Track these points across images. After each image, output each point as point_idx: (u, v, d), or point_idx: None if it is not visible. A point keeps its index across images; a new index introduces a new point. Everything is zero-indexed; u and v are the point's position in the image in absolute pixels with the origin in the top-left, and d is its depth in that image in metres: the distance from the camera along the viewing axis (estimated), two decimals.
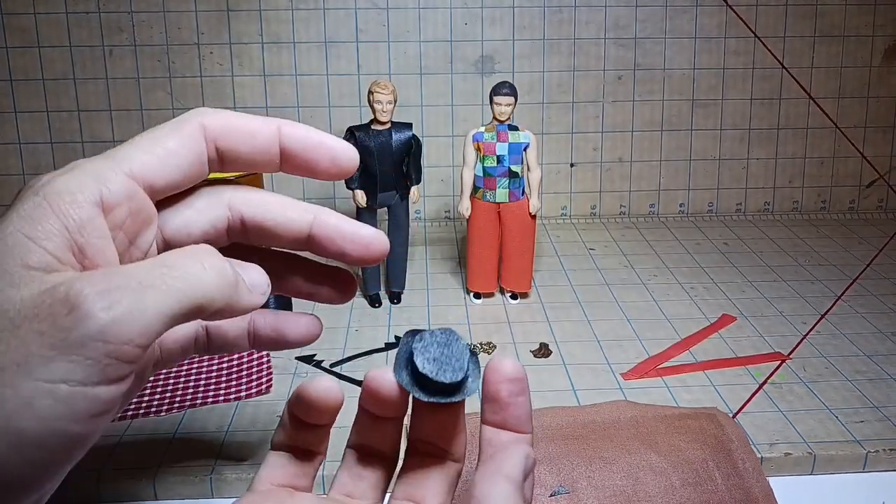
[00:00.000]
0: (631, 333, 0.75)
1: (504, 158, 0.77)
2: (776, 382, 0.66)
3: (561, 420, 0.59)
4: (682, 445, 0.55)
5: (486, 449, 0.33)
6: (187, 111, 0.33)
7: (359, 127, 0.78)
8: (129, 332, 0.25)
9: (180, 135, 0.32)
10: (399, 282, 0.83)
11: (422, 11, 1.02)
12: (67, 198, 0.28)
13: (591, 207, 1.09)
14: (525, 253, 0.80)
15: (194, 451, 0.57)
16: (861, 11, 1.05)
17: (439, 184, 1.06)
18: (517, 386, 0.34)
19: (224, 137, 0.33)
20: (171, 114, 1.02)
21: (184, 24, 1.00)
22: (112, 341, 0.25)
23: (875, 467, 0.57)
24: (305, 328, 0.38)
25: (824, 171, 1.10)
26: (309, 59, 1.02)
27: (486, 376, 0.34)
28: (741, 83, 1.06)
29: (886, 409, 0.62)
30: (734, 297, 0.82)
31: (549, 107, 1.05)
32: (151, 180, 0.31)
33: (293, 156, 0.34)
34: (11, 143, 1.02)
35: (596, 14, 1.03)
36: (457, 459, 0.35)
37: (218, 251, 0.30)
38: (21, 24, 0.98)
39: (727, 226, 1.05)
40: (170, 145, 0.32)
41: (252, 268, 0.32)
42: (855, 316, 0.78)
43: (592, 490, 0.52)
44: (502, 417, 0.34)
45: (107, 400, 0.26)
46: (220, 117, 0.33)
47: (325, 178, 0.35)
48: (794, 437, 0.58)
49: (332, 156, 0.34)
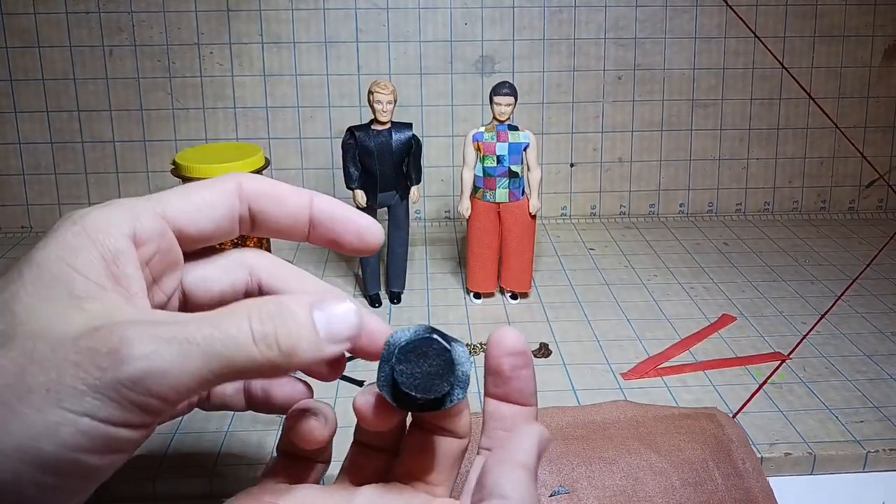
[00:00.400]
0: (631, 333, 0.75)
1: (504, 158, 0.77)
2: (776, 382, 0.66)
3: (561, 420, 0.59)
4: (682, 445, 0.55)
5: (489, 423, 0.34)
6: (220, 176, 0.34)
7: (359, 127, 0.78)
8: (161, 387, 0.26)
9: (217, 190, 0.33)
10: (399, 282, 0.83)
11: (422, 11, 1.02)
12: (104, 229, 0.29)
13: (591, 207, 1.09)
14: (525, 253, 0.80)
15: (194, 451, 0.57)
16: (861, 11, 1.05)
17: (439, 184, 1.06)
18: (520, 359, 0.34)
19: (258, 200, 0.34)
20: (171, 114, 1.02)
21: (184, 24, 1.00)
22: (143, 392, 0.25)
23: (875, 467, 0.57)
24: (290, 391, 0.38)
25: (824, 171, 1.10)
26: (309, 60, 1.02)
27: (488, 350, 0.34)
28: (741, 83, 1.06)
29: (886, 409, 0.62)
30: (734, 297, 0.82)
31: (549, 107, 1.05)
32: (183, 225, 0.32)
33: (322, 227, 0.35)
34: (11, 144, 1.02)
35: (596, 14, 1.03)
36: (460, 436, 0.35)
37: (287, 308, 0.29)
38: (21, 25, 0.98)
39: (727, 226, 1.05)
40: (205, 196, 0.33)
41: (336, 311, 0.30)
42: (855, 316, 0.78)
43: (592, 490, 0.52)
44: (504, 391, 0.34)
45: (126, 440, 0.26)
46: (257, 181, 0.34)
47: (349, 251, 0.36)
48: (794, 437, 0.58)
49: (358, 232, 0.35)
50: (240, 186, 0.33)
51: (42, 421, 0.24)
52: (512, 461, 0.30)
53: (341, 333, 0.30)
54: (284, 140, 1.04)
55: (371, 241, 0.35)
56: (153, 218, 0.31)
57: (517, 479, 0.29)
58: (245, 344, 0.27)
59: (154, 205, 0.31)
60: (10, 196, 1.03)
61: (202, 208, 0.32)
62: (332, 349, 0.29)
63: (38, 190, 1.03)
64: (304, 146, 1.04)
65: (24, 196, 1.03)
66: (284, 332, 0.28)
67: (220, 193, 0.33)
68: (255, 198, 0.34)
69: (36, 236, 1.02)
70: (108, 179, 1.03)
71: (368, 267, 0.81)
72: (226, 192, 0.33)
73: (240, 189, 0.33)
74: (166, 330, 0.26)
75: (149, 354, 0.25)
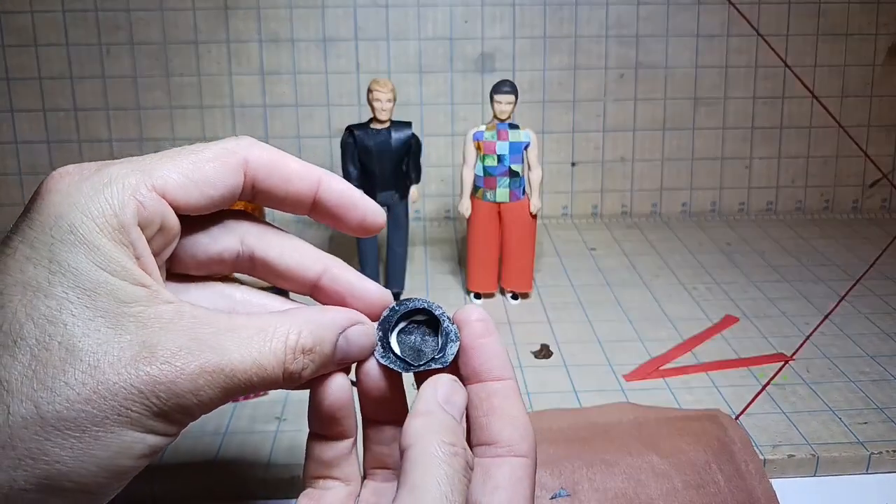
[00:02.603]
0: (633, 334, 0.74)
1: (504, 157, 0.77)
2: (779, 384, 0.65)
3: (562, 422, 0.58)
4: (685, 447, 0.55)
5: (470, 413, 0.34)
6: (229, 139, 0.33)
7: (358, 126, 0.77)
8: (199, 410, 0.29)
9: (222, 165, 0.32)
10: (399, 282, 0.82)
11: (421, 9, 1.01)
12: (121, 222, 0.29)
13: (593, 207, 1.08)
14: (526, 253, 0.79)
15: (192, 452, 0.56)
16: (864, 10, 1.04)
17: (439, 183, 1.06)
18: (479, 327, 0.35)
19: (264, 178, 0.34)
20: (169, 113, 1.01)
21: (181, 22, 0.99)
22: (189, 416, 0.29)
23: (879, 469, 0.57)
24: None
25: (828, 170, 1.09)
26: (308, 58, 1.01)
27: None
28: (744, 82, 1.06)
29: (890, 411, 0.61)
30: (737, 298, 0.82)
31: (550, 105, 1.05)
32: (181, 201, 0.31)
33: (327, 207, 0.35)
34: (8, 143, 1.01)
35: (597, 12, 1.02)
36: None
37: (318, 343, 0.32)
38: (17, 23, 0.98)
39: (730, 226, 1.05)
40: (208, 172, 0.32)
41: (358, 339, 0.34)
42: (858, 316, 0.77)
43: (594, 492, 0.51)
44: (474, 367, 0.34)
45: (146, 454, 0.29)
46: (264, 155, 0.34)
47: (348, 231, 0.36)
48: (797, 439, 0.58)
49: (362, 216, 0.36)
50: (246, 162, 0.33)
51: (118, 443, 0.27)
52: (412, 413, 0.32)
53: (355, 354, 0.35)
54: (283, 139, 1.03)
55: (372, 228, 0.36)
56: (155, 198, 0.30)
57: (412, 426, 0.31)
58: (276, 367, 0.30)
59: (151, 180, 0.30)
60: (7, 196, 1.02)
61: (203, 187, 0.32)
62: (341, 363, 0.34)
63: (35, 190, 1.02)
64: (303, 145, 1.04)
65: (21, 196, 1.02)
66: (317, 362, 0.32)
67: (226, 170, 0.32)
68: (261, 174, 0.34)
69: None
70: None
71: (368, 266, 0.81)
72: (231, 170, 0.33)
73: (246, 165, 0.33)
74: (184, 357, 0.29)
75: (199, 389, 0.28)
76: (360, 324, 0.34)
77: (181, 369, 0.28)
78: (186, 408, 0.28)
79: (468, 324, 0.34)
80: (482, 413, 0.33)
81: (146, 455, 0.29)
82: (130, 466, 0.28)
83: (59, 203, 0.29)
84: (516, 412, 0.33)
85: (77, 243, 0.28)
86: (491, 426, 0.32)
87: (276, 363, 0.31)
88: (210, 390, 0.29)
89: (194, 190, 0.31)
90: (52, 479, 0.27)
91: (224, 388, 0.29)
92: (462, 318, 0.35)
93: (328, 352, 0.33)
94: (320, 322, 0.33)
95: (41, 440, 0.26)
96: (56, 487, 0.27)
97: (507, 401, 0.33)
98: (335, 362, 0.33)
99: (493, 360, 0.34)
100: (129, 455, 0.28)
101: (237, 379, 0.29)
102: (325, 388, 0.34)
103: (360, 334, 0.34)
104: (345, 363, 0.34)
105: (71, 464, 0.27)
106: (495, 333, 0.35)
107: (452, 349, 0.35)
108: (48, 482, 0.27)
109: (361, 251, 0.80)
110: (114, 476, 0.28)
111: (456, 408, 0.32)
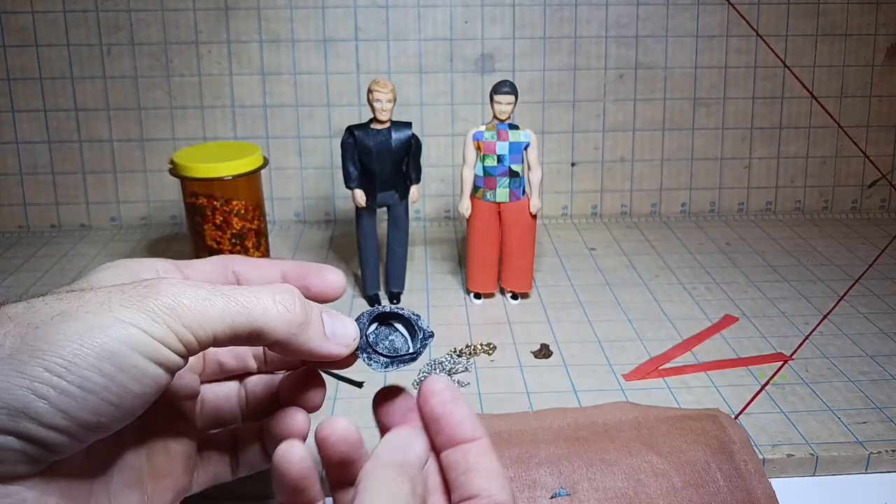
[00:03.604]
0: (632, 334, 0.74)
1: (504, 158, 0.77)
2: (778, 383, 0.66)
3: (562, 421, 0.58)
4: (684, 447, 0.55)
5: (449, 475, 0.35)
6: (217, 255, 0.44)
7: (358, 126, 0.77)
8: (189, 318, 0.32)
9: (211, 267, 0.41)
10: (399, 282, 0.82)
11: (421, 10, 1.01)
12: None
13: (593, 207, 1.08)
14: (525, 253, 0.80)
15: None
16: (863, 10, 1.04)
17: (439, 183, 1.06)
18: (446, 395, 0.36)
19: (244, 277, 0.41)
20: (170, 113, 1.01)
21: (182, 22, 0.99)
22: (175, 318, 0.31)
23: (878, 469, 0.57)
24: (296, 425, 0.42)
25: (827, 170, 1.09)
26: (308, 58, 1.01)
27: (418, 404, 0.37)
28: (743, 82, 1.06)
29: (889, 410, 0.61)
30: (736, 298, 0.82)
31: (550, 106, 1.05)
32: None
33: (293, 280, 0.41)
34: (9, 143, 1.01)
35: (597, 12, 1.02)
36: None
37: (300, 294, 0.36)
38: (18, 23, 0.98)
39: (729, 226, 1.05)
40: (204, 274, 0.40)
41: (342, 320, 0.37)
42: (857, 316, 0.77)
43: (593, 492, 0.52)
44: (447, 435, 0.36)
45: (168, 360, 0.31)
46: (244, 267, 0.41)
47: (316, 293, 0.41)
48: (796, 439, 0.58)
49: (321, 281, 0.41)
50: (234, 272, 0.41)
51: (97, 322, 0.30)
52: (372, 460, 0.34)
53: (345, 337, 0.37)
54: (283, 139, 1.03)
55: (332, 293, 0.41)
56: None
57: (365, 466, 0.34)
58: (265, 301, 0.34)
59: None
60: (7, 196, 1.02)
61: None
62: (334, 348, 0.36)
63: (35, 189, 1.03)
64: (303, 145, 1.04)
65: (21, 196, 1.03)
66: (301, 303, 0.35)
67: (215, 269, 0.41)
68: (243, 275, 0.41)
69: (33, 236, 1.01)
70: (105, 179, 1.03)
71: (368, 267, 0.81)
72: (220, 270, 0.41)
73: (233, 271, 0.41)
74: (198, 283, 0.33)
75: (179, 292, 0.32)
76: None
77: (164, 281, 0.33)
78: (167, 309, 0.32)
79: (435, 394, 0.36)
80: (460, 472, 0.35)
81: (132, 346, 0.31)
82: (114, 348, 0.30)
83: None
84: (493, 466, 0.35)
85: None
86: (470, 482, 0.34)
87: (265, 297, 0.35)
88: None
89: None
90: None
91: (217, 314, 0.33)
92: (429, 389, 0.36)
93: (314, 307, 0.37)
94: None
95: None
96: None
97: (481, 457, 0.35)
98: (325, 336, 0.37)
99: (463, 424, 0.36)
100: (111, 334, 0.30)
101: (238, 312, 0.33)
102: (286, 459, 0.35)
103: (342, 317, 0.38)
104: (337, 346, 0.37)
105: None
106: (461, 398, 0.36)
107: (425, 341, 0.39)
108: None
109: (362, 251, 0.80)
110: (98, 354, 0.30)
111: (411, 452, 0.34)
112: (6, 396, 0.29)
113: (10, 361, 0.29)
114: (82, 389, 0.30)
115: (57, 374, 0.29)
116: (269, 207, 1.04)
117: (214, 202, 0.78)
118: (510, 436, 0.56)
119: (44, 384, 0.29)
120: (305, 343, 0.35)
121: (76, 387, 0.29)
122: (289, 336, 0.34)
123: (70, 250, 0.97)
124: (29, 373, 0.29)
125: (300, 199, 1.05)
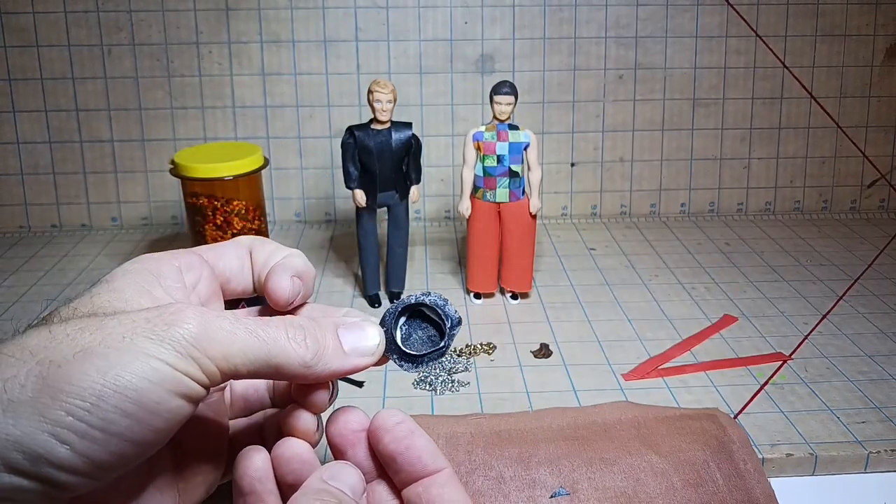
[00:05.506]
0: (632, 334, 0.75)
1: (504, 158, 0.77)
2: (777, 383, 0.66)
3: (561, 421, 0.58)
4: (684, 446, 0.55)
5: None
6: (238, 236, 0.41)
7: (358, 126, 0.77)
8: (212, 350, 0.31)
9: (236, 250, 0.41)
10: (399, 282, 0.82)
11: (422, 10, 1.01)
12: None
13: (592, 207, 1.09)
14: (525, 253, 0.80)
15: None
16: (862, 11, 1.05)
17: (439, 184, 1.06)
18: (401, 429, 0.36)
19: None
20: (170, 113, 1.02)
21: (182, 23, 1.00)
22: (199, 350, 0.31)
23: (877, 468, 0.57)
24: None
25: (826, 170, 1.09)
26: (308, 59, 1.02)
27: (371, 446, 0.36)
28: (742, 82, 1.06)
29: (888, 410, 0.62)
30: (735, 298, 0.82)
31: (550, 106, 1.05)
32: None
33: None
34: (10, 143, 1.01)
35: (596, 13, 1.03)
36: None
37: (311, 325, 0.35)
38: (20, 24, 0.98)
39: (728, 226, 1.05)
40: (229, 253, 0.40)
41: (359, 330, 0.37)
42: (856, 316, 0.78)
43: (593, 491, 0.52)
44: (408, 472, 0.35)
45: (191, 391, 0.31)
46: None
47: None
48: (795, 438, 0.58)
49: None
50: (249, 252, 0.41)
51: (119, 359, 0.30)
52: (301, 489, 0.34)
53: (366, 349, 0.36)
54: (283, 139, 1.03)
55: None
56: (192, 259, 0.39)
57: (292, 499, 0.33)
58: (282, 339, 0.33)
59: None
60: (8, 196, 1.03)
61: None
62: (356, 361, 0.36)
63: (36, 189, 1.03)
64: (304, 145, 1.04)
65: (22, 196, 1.03)
66: (311, 336, 0.34)
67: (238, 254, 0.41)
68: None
69: (34, 236, 1.02)
70: (106, 179, 1.03)
71: (368, 267, 0.81)
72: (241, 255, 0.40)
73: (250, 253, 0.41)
74: (219, 314, 0.33)
75: (202, 322, 0.32)
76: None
77: (188, 310, 0.32)
78: (191, 339, 0.31)
79: (388, 431, 0.35)
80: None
81: (155, 381, 0.30)
82: (137, 385, 0.30)
83: None
84: (457, 496, 0.34)
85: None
86: None
87: (280, 336, 0.34)
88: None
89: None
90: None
91: (240, 349, 0.32)
92: (380, 427, 0.36)
93: (328, 331, 0.36)
94: (311, 321, 0.36)
95: None
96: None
97: (445, 488, 0.34)
98: (344, 352, 0.36)
99: (423, 457, 0.35)
100: (134, 370, 0.30)
101: (259, 349, 0.33)
102: (245, 466, 0.35)
103: (362, 328, 0.38)
104: (360, 357, 0.36)
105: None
106: (418, 430, 0.36)
107: (453, 331, 0.39)
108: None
109: (362, 251, 0.80)
110: (120, 393, 0.30)
111: (342, 483, 0.34)
112: (28, 441, 0.28)
113: (33, 404, 0.29)
114: (105, 432, 0.29)
115: (80, 419, 0.29)
116: (269, 207, 1.04)
117: (215, 202, 0.78)
118: (510, 435, 0.56)
119: (66, 429, 0.29)
120: (325, 369, 0.34)
121: (98, 430, 0.29)
122: (304, 371, 0.34)
123: (71, 250, 0.97)
124: (51, 417, 0.28)
125: (300, 200, 1.06)
